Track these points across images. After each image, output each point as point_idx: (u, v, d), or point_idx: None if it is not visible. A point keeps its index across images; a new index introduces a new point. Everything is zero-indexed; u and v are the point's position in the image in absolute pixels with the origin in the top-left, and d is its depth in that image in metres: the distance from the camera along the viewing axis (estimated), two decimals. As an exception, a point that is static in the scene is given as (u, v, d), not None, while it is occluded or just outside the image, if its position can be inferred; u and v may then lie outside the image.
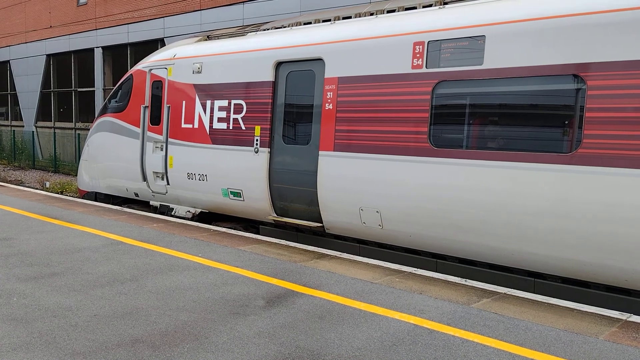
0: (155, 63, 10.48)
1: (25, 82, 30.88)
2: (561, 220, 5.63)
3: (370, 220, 7.20)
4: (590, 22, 5.52)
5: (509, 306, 5.19)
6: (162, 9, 22.25)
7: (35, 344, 4.18)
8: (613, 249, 5.38)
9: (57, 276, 5.95)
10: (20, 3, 31.14)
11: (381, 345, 4.28)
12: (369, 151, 7.14)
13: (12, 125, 32.77)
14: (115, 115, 11.22)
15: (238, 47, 9.13)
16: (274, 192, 8.40)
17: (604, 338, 4.44)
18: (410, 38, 6.85)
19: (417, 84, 6.72)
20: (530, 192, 5.81)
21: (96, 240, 7.70)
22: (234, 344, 4.25)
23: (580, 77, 5.56)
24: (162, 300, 5.22)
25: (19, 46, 31.32)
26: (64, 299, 5.22)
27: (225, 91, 9.04)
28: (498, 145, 6.12)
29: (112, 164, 11.28)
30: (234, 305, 5.14)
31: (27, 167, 27.54)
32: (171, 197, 10.14)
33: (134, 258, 6.75)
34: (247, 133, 8.65)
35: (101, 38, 25.62)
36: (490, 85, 6.17)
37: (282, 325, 4.64)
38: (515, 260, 6.11)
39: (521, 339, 4.41)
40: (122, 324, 4.62)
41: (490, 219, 6.11)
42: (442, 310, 5.06)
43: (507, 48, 6.03)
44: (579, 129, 5.57)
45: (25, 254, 6.88)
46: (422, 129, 6.66)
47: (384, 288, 5.69)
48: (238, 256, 6.94)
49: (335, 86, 7.55)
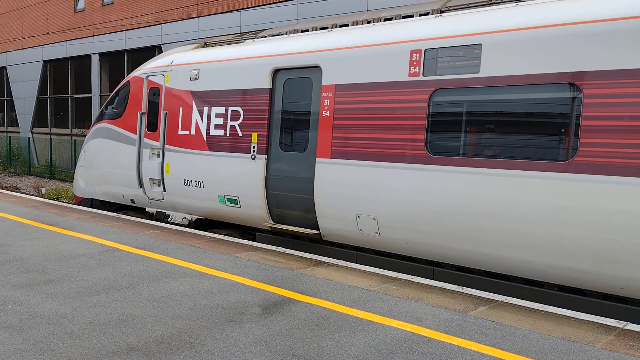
0: (152, 70, 10.49)
1: (21, 88, 30.86)
2: (557, 228, 5.64)
3: (367, 227, 7.19)
4: (586, 31, 5.55)
5: (505, 314, 5.18)
6: (160, 16, 22.29)
7: (31, 352, 4.15)
8: (609, 256, 5.38)
9: (52, 283, 5.92)
10: (17, 9, 31.16)
11: (378, 353, 4.27)
12: (366, 158, 7.15)
13: (8, 131, 32.72)
14: (112, 121, 11.21)
15: (235, 54, 9.15)
16: (270, 199, 8.40)
17: (601, 346, 4.44)
18: (407, 46, 6.87)
19: (414, 92, 6.74)
20: (527, 200, 5.82)
21: (92, 247, 7.68)
22: (230, 352, 4.23)
23: (576, 85, 5.59)
24: (158, 308, 5.20)
25: (15, 52, 31.33)
26: (59, 306, 5.20)
27: (223, 98, 9.05)
28: (494, 153, 6.14)
29: (108, 170, 11.26)
30: (231, 312, 5.12)
31: (22, 173, 27.47)
32: (167, 204, 10.12)
33: (130, 265, 6.73)
34: (244, 140, 8.65)
35: (98, 44, 25.65)
36: (486, 93, 6.19)
37: (278, 333, 4.63)
38: (511, 268, 6.12)
39: (518, 347, 4.41)
40: (118, 331, 4.60)
41: (487, 227, 6.11)
42: (439, 318, 5.06)
43: (504, 56, 6.06)
44: (575, 137, 5.59)
45: (21, 260, 6.85)
46: (419, 136, 6.67)
47: (381, 296, 5.69)
48: (234, 263, 6.92)
49: (333, 93, 7.57)
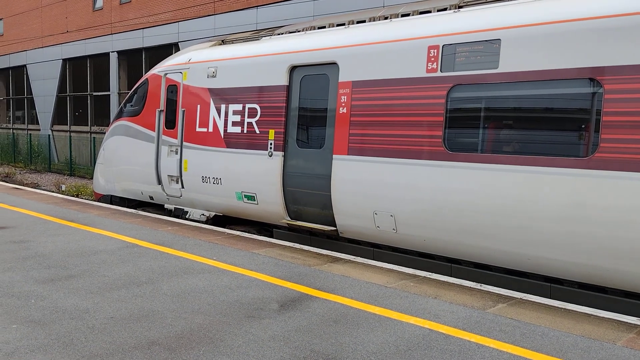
0: (170, 67, 10.56)
1: (41, 86, 31.26)
2: (577, 225, 5.58)
3: (385, 224, 7.18)
4: (606, 26, 5.48)
5: (525, 311, 5.15)
6: (177, 14, 22.42)
7: (53, 346, 4.22)
8: (630, 254, 5.32)
9: (74, 278, 6.01)
10: (37, 8, 31.53)
11: (396, 349, 4.27)
12: (383, 155, 7.13)
13: (28, 129, 33.18)
14: (130, 119, 11.31)
15: (252, 51, 9.17)
16: (287, 196, 8.42)
17: (622, 344, 4.40)
18: (424, 42, 6.84)
19: (431, 88, 6.71)
20: (546, 197, 5.77)
21: (112, 243, 7.77)
22: (249, 347, 4.26)
23: (597, 80, 5.52)
24: (177, 303, 5.26)
25: (35, 51, 31.72)
26: (81, 301, 5.27)
27: (240, 95, 9.08)
28: (513, 149, 6.09)
29: (127, 167, 11.37)
30: (249, 308, 5.15)
31: (42, 170, 27.85)
32: (186, 201, 10.20)
33: (150, 261, 6.80)
34: (261, 137, 8.68)
35: (116, 43, 25.88)
36: (505, 89, 6.14)
37: (296, 329, 4.65)
38: (531, 265, 6.07)
39: (538, 345, 4.38)
40: (139, 326, 4.66)
41: (506, 224, 6.07)
42: (458, 315, 5.04)
43: (523, 51, 6.00)
44: (596, 133, 5.53)
45: (43, 256, 6.96)
46: (436, 132, 6.64)
47: (399, 292, 5.68)
48: (252, 259, 6.96)
49: (350, 90, 7.56)
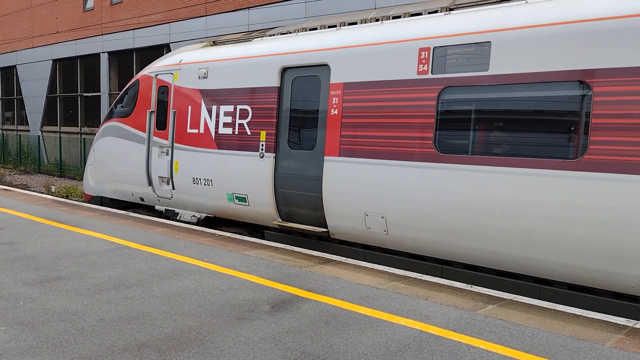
0: (161, 68, 10.53)
1: (31, 86, 31.06)
2: (566, 226, 5.62)
3: (376, 225, 7.20)
4: (596, 28, 5.52)
5: (515, 312, 5.17)
6: (168, 15, 22.36)
7: (42, 348, 4.19)
8: (619, 255, 5.36)
9: (63, 280, 5.97)
10: (27, 8, 31.34)
11: (387, 351, 4.27)
12: (374, 156, 7.15)
13: (17, 130, 32.95)
14: (121, 120, 11.27)
15: (244, 52, 9.16)
16: (279, 197, 8.41)
17: (611, 345, 4.43)
18: (415, 44, 6.86)
19: (422, 90, 6.73)
20: (536, 198, 5.80)
21: (102, 244, 7.73)
22: (240, 349, 4.25)
23: (586, 83, 5.56)
24: (167, 305, 5.23)
25: (25, 51, 31.52)
26: (70, 303, 5.24)
27: (231, 96, 9.07)
28: (504, 151, 6.12)
29: (117, 168, 11.32)
30: (240, 310, 5.14)
31: (32, 171, 27.67)
32: (176, 202, 10.16)
33: (140, 262, 6.77)
34: (253, 138, 8.67)
35: (107, 43, 25.76)
36: (496, 91, 6.17)
37: (287, 331, 4.64)
38: (521, 266, 6.10)
39: (527, 346, 4.40)
40: (128, 328, 4.63)
41: (496, 225, 6.10)
42: (448, 316, 5.05)
43: (513, 54, 6.04)
44: (585, 135, 5.57)
45: (32, 258, 6.91)
46: (427, 134, 6.66)
47: (390, 294, 5.69)
48: (243, 261, 6.94)
49: (341, 92, 7.57)
